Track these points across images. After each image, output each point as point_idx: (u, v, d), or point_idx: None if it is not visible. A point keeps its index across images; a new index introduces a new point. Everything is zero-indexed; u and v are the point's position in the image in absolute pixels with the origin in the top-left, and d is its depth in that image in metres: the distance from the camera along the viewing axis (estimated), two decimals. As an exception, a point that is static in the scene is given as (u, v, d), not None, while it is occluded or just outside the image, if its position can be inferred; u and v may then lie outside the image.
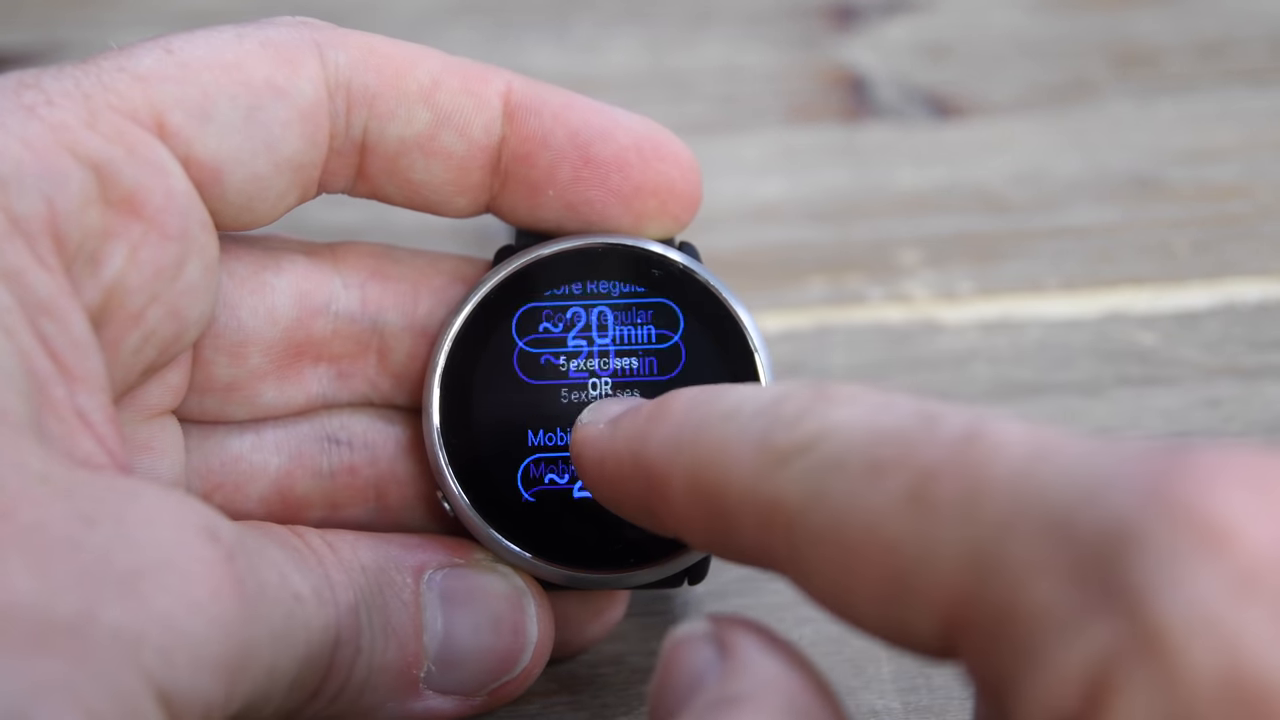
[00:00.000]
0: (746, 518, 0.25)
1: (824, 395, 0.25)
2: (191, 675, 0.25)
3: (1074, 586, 0.21)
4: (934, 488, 0.23)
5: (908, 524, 0.23)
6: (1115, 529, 0.20)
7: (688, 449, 0.27)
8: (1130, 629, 0.20)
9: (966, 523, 0.22)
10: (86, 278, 0.28)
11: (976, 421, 0.23)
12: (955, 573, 0.22)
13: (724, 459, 0.26)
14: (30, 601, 0.23)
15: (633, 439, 0.28)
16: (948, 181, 0.51)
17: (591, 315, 0.34)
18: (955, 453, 0.23)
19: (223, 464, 0.34)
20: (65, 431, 0.27)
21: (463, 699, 0.33)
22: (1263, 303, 0.46)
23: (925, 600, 0.23)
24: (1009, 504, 0.22)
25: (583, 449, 0.30)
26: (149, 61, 0.30)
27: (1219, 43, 0.56)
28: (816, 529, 0.24)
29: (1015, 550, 0.21)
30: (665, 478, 0.27)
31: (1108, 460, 0.21)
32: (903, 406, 0.24)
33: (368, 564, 0.32)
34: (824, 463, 0.24)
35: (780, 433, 0.25)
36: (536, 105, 0.33)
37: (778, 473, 0.25)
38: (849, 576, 0.24)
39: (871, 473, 0.23)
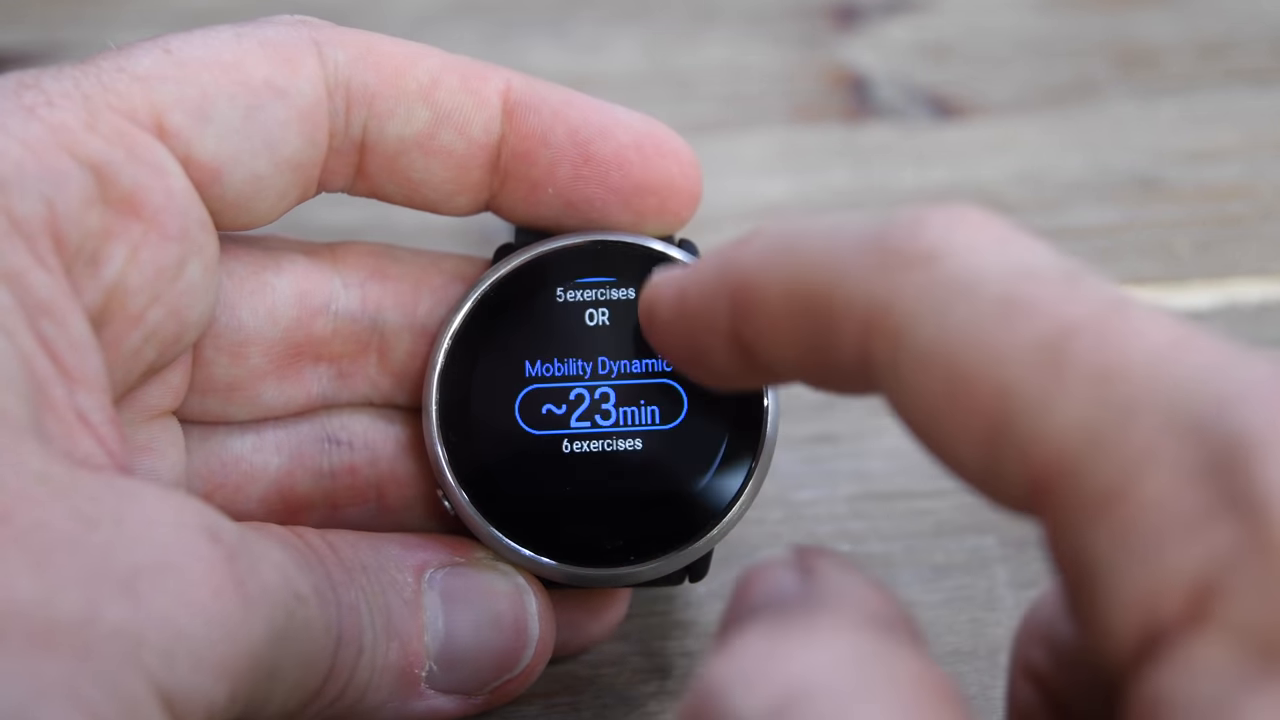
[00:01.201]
0: (851, 323, 0.24)
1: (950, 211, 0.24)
2: (193, 676, 0.25)
3: (1194, 486, 0.20)
4: (1069, 345, 0.22)
5: (1032, 372, 0.22)
6: (1245, 434, 0.20)
7: (785, 256, 0.25)
8: (1249, 534, 0.19)
9: (1093, 391, 0.21)
10: (86, 278, 0.28)
11: (1120, 295, 0.22)
12: (1067, 438, 0.21)
13: (830, 260, 0.24)
14: (31, 602, 0.23)
15: (720, 263, 0.26)
16: (949, 182, 0.51)
17: (592, 315, 0.34)
18: (1099, 317, 0.22)
19: (223, 464, 0.34)
20: (65, 432, 0.27)
21: (464, 698, 0.33)
22: (1264, 303, 0.46)
23: (1026, 454, 0.22)
24: (1144, 385, 0.21)
25: (658, 290, 0.28)
26: (148, 62, 0.30)
27: (1221, 43, 0.55)
28: (929, 347, 0.23)
29: (1138, 434, 0.21)
30: (760, 286, 0.25)
31: (1245, 368, 0.21)
32: (1040, 249, 0.23)
33: (369, 563, 0.32)
34: (951, 280, 0.23)
35: (899, 238, 0.24)
36: (536, 103, 0.33)
37: (895, 276, 0.23)
38: (952, 407, 0.23)
39: (1005, 308, 0.22)
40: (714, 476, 0.34)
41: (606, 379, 0.34)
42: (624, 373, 0.34)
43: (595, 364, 0.34)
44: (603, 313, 0.34)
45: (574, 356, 0.34)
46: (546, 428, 0.34)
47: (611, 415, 0.34)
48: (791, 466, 0.41)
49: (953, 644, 0.37)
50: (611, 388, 0.34)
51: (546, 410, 0.34)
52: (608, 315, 0.34)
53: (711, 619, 0.38)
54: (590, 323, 0.34)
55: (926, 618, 0.38)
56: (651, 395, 0.34)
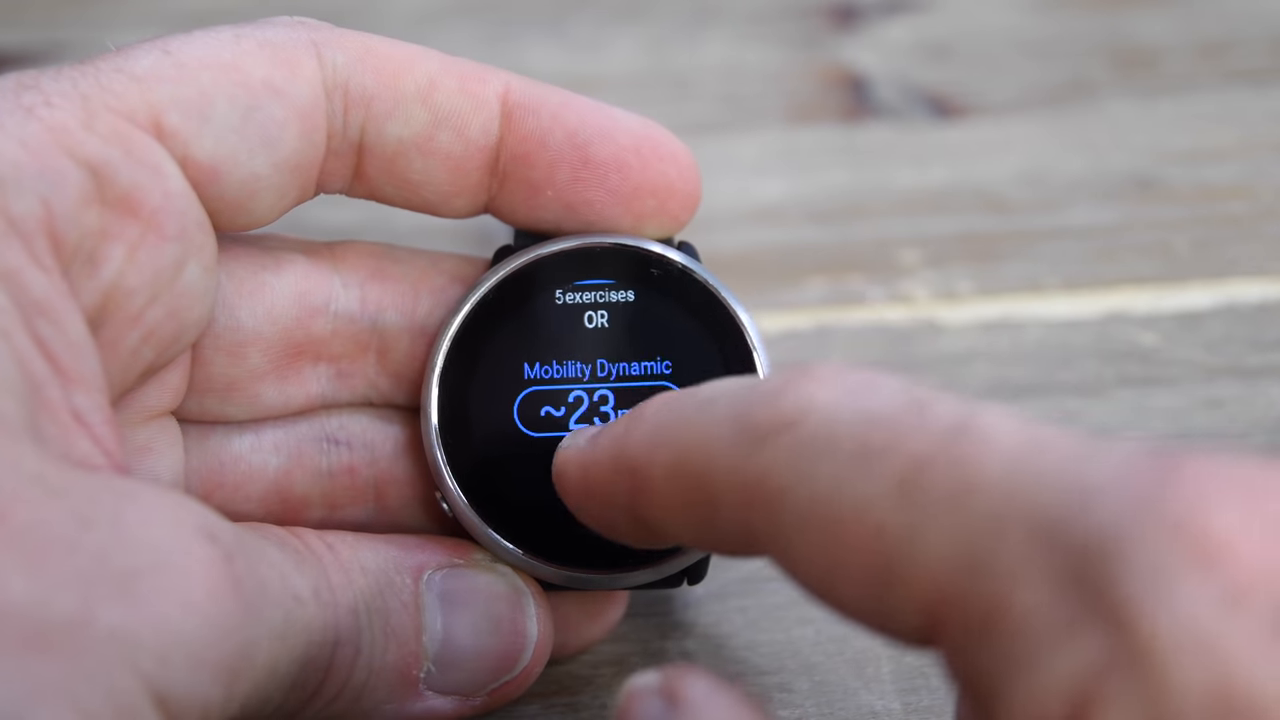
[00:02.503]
0: (729, 499, 0.25)
1: (804, 373, 0.25)
2: (189, 677, 0.25)
3: (1062, 595, 0.20)
4: (925, 478, 0.22)
5: (896, 512, 0.23)
6: (1106, 538, 0.20)
7: (667, 438, 0.27)
8: (1118, 642, 0.20)
9: (956, 517, 0.22)
10: (84, 279, 0.28)
11: (967, 412, 0.23)
12: (942, 567, 0.22)
13: (704, 441, 0.26)
14: (26, 603, 0.23)
15: (612, 444, 0.28)
16: (948, 182, 0.51)
17: (591, 317, 0.34)
18: (946, 443, 0.23)
19: (222, 464, 0.34)
20: (61, 432, 0.27)
21: (462, 699, 0.33)
22: (1263, 303, 0.46)
23: (910, 590, 0.23)
24: (1000, 501, 0.22)
25: (565, 466, 0.30)
26: (146, 62, 0.30)
27: (1219, 43, 0.56)
28: (802, 510, 0.24)
29: (1005, 551, 0.21)
30: (647, 470, 0.27)
31: (1099, 463, 0.21)
32: (889, 389, 0.24)
33: (367, 565, 0.32)
34: (810, 441, 0.24)
35: (761, 409, 0.25)
36: (534, 105, 0.33)
37: (761, 450, 0.25)
38: (834, 560, 0.24)
39: (861, 456, 0.23)
40: (712, 477, 0.33)
41: (605, 381, 0.34)
42: (623, 375, 0.34)
43: (594, 366, 0.34)
44: (602, 315, 0.34)
45: (573, 359, 0.34)
46: (545, 430, 0.34)
47: (610, 418, 0.34)
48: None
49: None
50: (610, 390, 0.34)
51: (545, 412, 0.34)
52: (607, 318, 0.34)
53: (710, 620, 0.38)
54: (589, 325, 0.34)
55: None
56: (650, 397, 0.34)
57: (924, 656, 0.37)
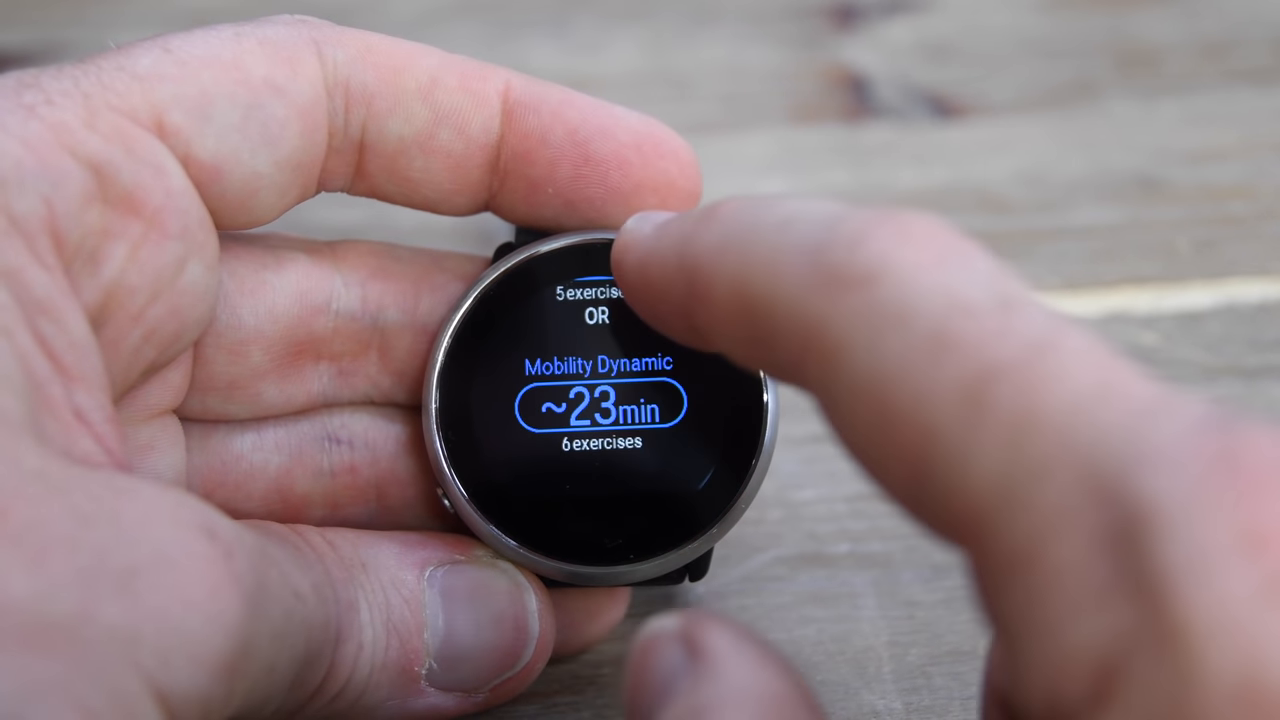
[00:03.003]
0: (789, 335, 0.24)
1: (894, 223, 0.23)
2: (190, 674, 0.25)
3: (1100, 557, 0.20)
4: (991, 393, 0.21)
5: (954, 419, 0.22)
6: (1155, 506, 0.20)
7: (735, 252, 0.25)
8: (1151, 617, 0.19)
9: (1011, 445, 0.21)
10: (86, 277, 0.28)
11: (1053, 329, 0.22)
12: (984, 491, 0.21)
13: (773, 267, 0.24)
14: (26, 600, 0.23)
15: (679, 240, 0.27)
16: (949, 182, 0.51)
17: (592, 313, 0.34)
18: (1022, 360, 0.21)
19: (223, 463, 0.34)
20: (63, 430, 0.27)
21: (464, 696, 0.33)
22: (1264, 303, 0.46)
23: (947, 501, 0.22)
24: (1058, 441, 0.21)
25: (625, 252, 0.29)
26: (148, 61, 0.30)
27: (1221, 43, 0.56)
28: (860, 375, 0.23)
29: (1050, 495, 0.21)
30: (709, 281, 0.26)
31: (1165, 424, 0.20)
32: (981, 272, 0.23)
33: (368, 561, 0.32)
34: (885, 308, 0.23)
35: (839, 252, 0.23)
36: (535, 103, 0.33)
37: (830, 298, 0.23)
38: (880, 440, 0.23)
39: (934, 345, 0.22)
40: (713, 475, 0.33)
41: (606, 377, 0.34)
42: (624, 371, 0.34)
43: (595, 362, 0.34)
44: (602, 311, 0.34)
45: (574, 355, 0.34)
46: (546, 426, 0.34)
47: (611, 414, 0.34)
48: (791, 466, 0.41)
49: (953, 644, 0.37)
50: (611, 386, 0.34)
51: (546, 409, 0.34)
52: (607, 314, 0.34)
53: (711, 618, 0.38)
54: (590, 321, 0.34)
55: (926, 617, 0.38)
56: (651, 394, 0.34)
57: (924, 657, 0.37)
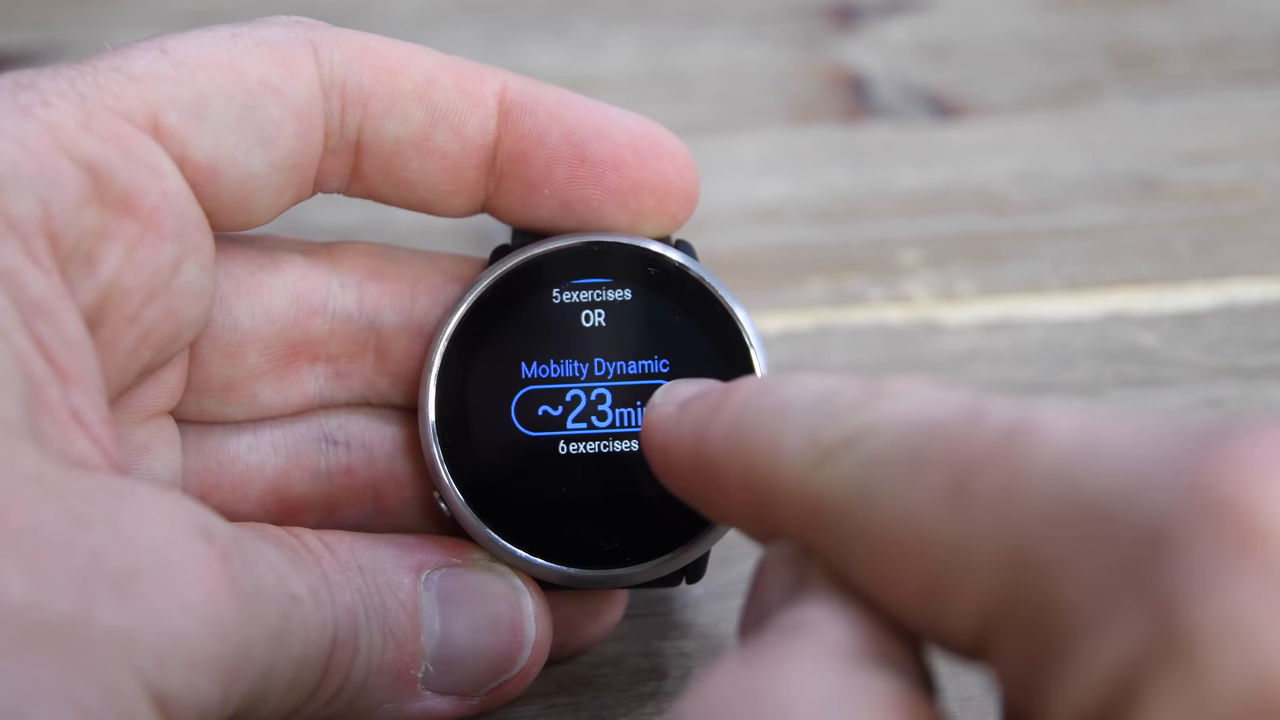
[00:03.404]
0: (793, 514, 0.25)
1: (876, 389, 0.25)
2: (186, 676, 0.25)
3: (1107, 585, 0.20)
4: (973, 483, 0.22)
5: (945, 521, 0.22)
6: (1154, 526, 0.20)
7: (742, 443, 0.26)
8: (1160, 632, 0.19)
9: (1004, 519, 0.22)
10: (82, 278, 0.28)
11: (1023, 414, 0.22)
12: (992, 571, 0.22)
13: (773, 454, 0.25)
14: (24, 602, 0.23)
15: (696, 428, 0.28)
16: (948, 182, 0.51)
17: (589, 316, 0.34)
18: (997, 447, 0.22)
19: (220, 464, 0.34)
20: (60, 432, 0.27)
21: (461, 699, 0.33)
22: (1263, 303, 0.46)
23: (960, 599, 0.22)
24: (1047, 500, 0.21)
25: (651, 433, 0.29)
26: (144, 62, 0.30)
27: (1220, 43, 0.55)
28: (859, 526, 0.24)
29: (1051, 547, 0.21)
30: (722, 473, 0.27)
31: (1150, 452, 0.21)
32: (950, 400, 0.24)
33: (365, 564, 0.32)
34: (867, 459, 0.24)
35: (828, 428, 0.25)
36: (531, 104, 0.33)
37: (823, 470, 0.24)
38: (892, 574, 0.23)
39: (912, 467, 0.23)
40: (711, 477, 0.33)
41: (603, 380, 0.34)
42: (620, 374, 0.34)
43: (591, 365, 0.34)
44: (599, 314, 0.34)
45: (570, 358, 0.34)
46: (543, 429, 0.34)
47: (608, 417, 0.34)
48: (790, 467, 0.41)
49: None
50: (608, 389, 0.34)
51: (543, 412, 0.34)
52: (604, 316, 0.34)
53: (708, 620, 0.38)
54: (586, 324, 0.34)
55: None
56: (648, 396, 0.34)
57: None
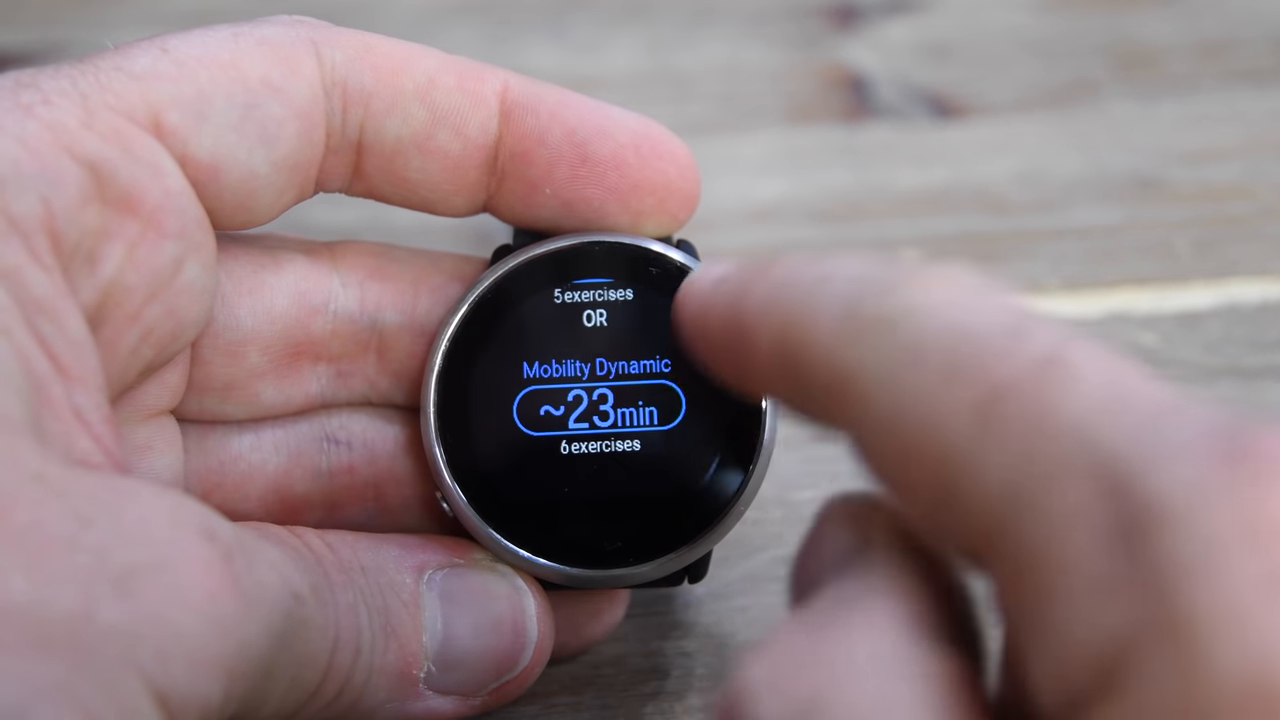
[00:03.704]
0: (821, 382, 0.25)
1: (920, 272, 0.25)
2: (189, 675, 0.25)
3: (1111, 551, 0.20)
4: (1001, 408, 0.22)
5: (967, 437, 0.22)
6: (1165, 503, 0.20)
7: (778, 307, 0.26)
8: (1158, 609, 0.19)
9: (1024, 452, 0.22)
10: (84, 277, 0.28)
11: (1060, 345, 0.22)
12: (999, 498, 0.22)
13: (809, 320, 0.25)
14: (26, 602, 0.23)
15: (733, 293, 0.28)
16: (948, 182, 0.51)
17: (590, 316, 0.34)
18: (1031, 376, 0.22)
19: (221, 464, 0.34)
20: (62, 431, 0.27)
21: (463, 699, 0.33)
22: (1264, 303, 0.46)
23: (966, 513, 0.22)
24: (1069, 445, 0.21)
25: (686, 299, 0.29)
26: (145, 61, 0.30)
27: (1221, 43, 0.56)
28: (883, 413, 0.24)
29: (1064, 495, 0.21)
30: (755, 334, 0.26)
31: (1176, 426, 0.21)
32: (993, 306, 0.24)
33: (367, 564, 0.32)
34: (903, 347, 0.24)
35: (867, 303, 0.24)
36: (533, 104, 0.33)
37: (856, 343, 0.24)
38: (904, 468, 0.23)
39: (946, 374, 0.23)
40: (712, 477, 0.33)
41: (604, 380, 0.34)
42: (622, 374, 0.34)
43: (593, 365, 0.34)
44: (600, 314, 0.34)
45: (572, 358, 0.34)
46: (544, 429, 0.34)
47: (610, 416, 0.34)
48: (791, 466, 0.41)
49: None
50: (610, 389, 0.34)
51: (544, 411, 0.34)
52: (606, 316, 0.34)
53: (710, 620, 0.38)
54: (588, 324, 0.34)
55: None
56: (650, 396, 0.34)
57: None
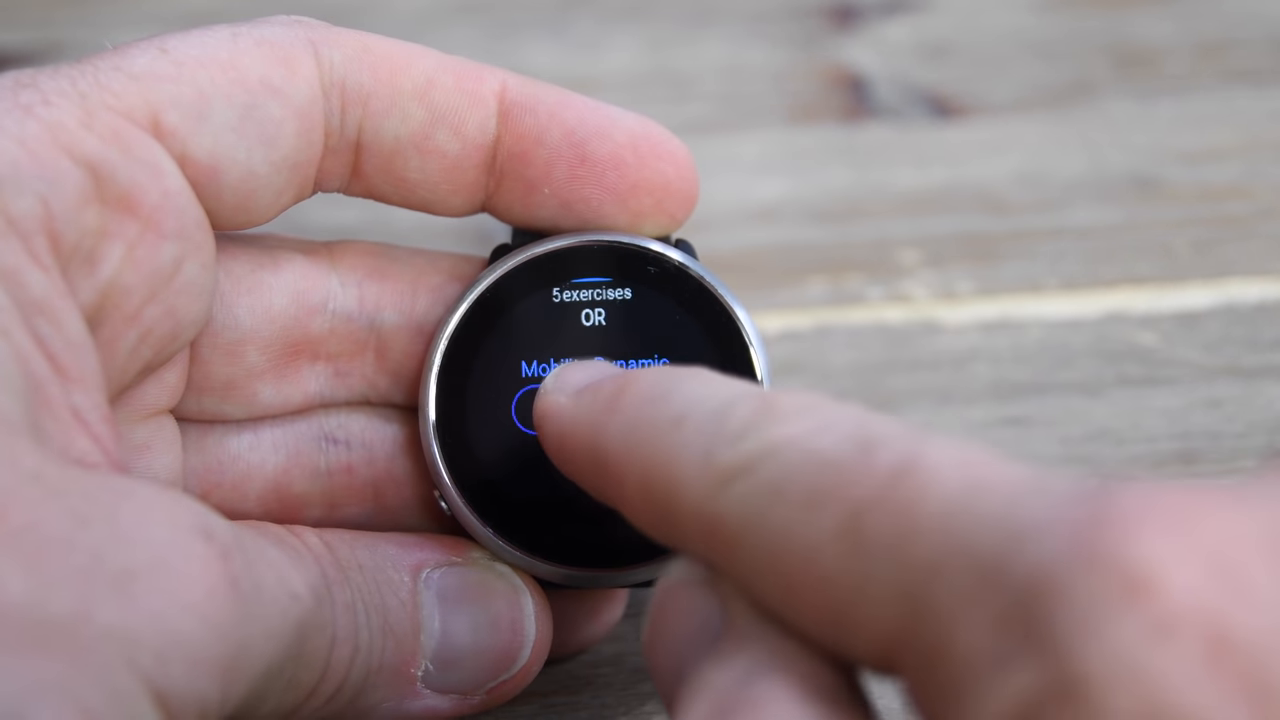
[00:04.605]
0: (693, 530, 0.25)
1: (769, 409, 0.25)
2: (187, 675, 0.25)
3: (999, 632, 0.21)
4: (865, 525, 0.23)
5: (841, 560, 0.23)
6: (1040, 577, 0.21)
7: (638, 451, 0.26)
8: (1053, 675, 0.20)
9: (897, 562, 0.22)
10: (82, 277, 0.28)
11: (912, 452, 0.23)
12: (888, 611, 0.22)
13: (671, 470, 0.26)
14: (24, 601, 0.23)
15: (591, 423, 0.28)
16: (948, 181, 0.51)
17: (589, 315, 0.34)
18: (887, 488, 0.23)
19: (220, 463, 0.34)
20: (60, 431, 0.27)
21: (460, 698, 0.33)
22: (1262, 303, 0.46)
23: (861, 632, 0.23)
24: (938, 545, 0.22)
25: (544, 421, 0.29)
26: (144, 61, 0.30)
27: (1219, 43, 0.55)
28: (757, 553, 0.24)
29: (944, 593, 0.22)
30: (620, 474, 0.27)
31: (1035, 503, 0.21)
32: (842, 428, 0.24)
33: (365, 563, 0.32)
34: (764, 488, 0.24)
35: (724, 450, 0.25)
36: (531, 103, 0.33)
37: (721, 493, 0.25)
38: (790, 601, 0.24)
39: (807, 504, 0.23)
40: (711, 476, 0.33)
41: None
42: None
43: (593, 364, 0.34)
44: (599, 313, 0.34)
45: (570, 357, 0.34)
46: (543, 428, 0.34)
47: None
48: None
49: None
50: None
51: (543, 410, 0.34)
52: (604, 316, 0.34)
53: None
54: (587, 323, 0.34)
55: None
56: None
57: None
